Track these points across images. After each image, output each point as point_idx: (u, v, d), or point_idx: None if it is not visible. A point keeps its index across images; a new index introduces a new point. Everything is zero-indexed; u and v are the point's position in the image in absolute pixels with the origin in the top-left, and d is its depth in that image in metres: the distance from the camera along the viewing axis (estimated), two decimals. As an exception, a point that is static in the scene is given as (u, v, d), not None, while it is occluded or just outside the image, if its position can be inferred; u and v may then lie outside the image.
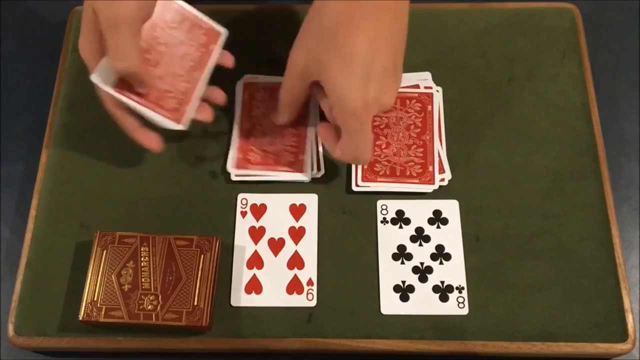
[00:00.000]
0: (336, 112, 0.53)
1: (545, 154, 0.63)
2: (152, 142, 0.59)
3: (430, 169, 0.62)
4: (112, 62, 0.53)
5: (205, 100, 0.60)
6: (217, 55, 0.60)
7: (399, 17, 0.54)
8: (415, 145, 0.63)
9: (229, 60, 0.61)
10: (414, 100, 0.65)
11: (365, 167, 0.62)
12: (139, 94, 0.56)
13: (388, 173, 0.62)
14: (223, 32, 0.60)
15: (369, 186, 0.62)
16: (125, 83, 0.55)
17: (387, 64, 0.53)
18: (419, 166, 0.62)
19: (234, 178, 0.62)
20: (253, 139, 0.64)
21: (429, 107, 0.64)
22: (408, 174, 0.62)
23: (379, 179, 0.62)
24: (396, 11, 0.53)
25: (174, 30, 0.58)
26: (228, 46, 0.61)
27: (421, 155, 0.63)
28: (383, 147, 0.63)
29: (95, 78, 0.54)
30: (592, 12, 0.72)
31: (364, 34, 0.51)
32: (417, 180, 0.62)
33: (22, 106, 0.70)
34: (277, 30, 0.57)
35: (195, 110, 0.59)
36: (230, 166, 0.62)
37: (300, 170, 0.62)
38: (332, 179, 0.63)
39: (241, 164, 0.63)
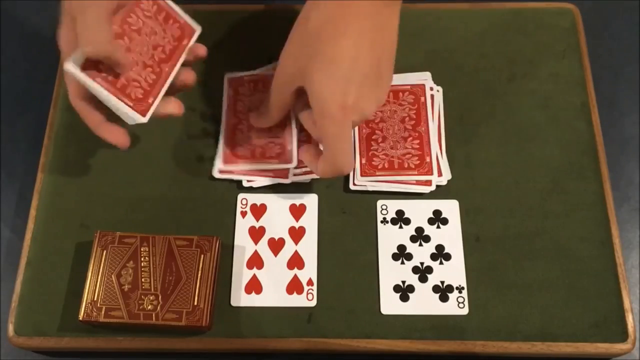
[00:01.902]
0: (316, 116, 0.53)
1: (545, 154, 0.63)
2: (118, 137, 0.56)
3: (428, 159, 0.62)
4: (80, 46, 0.51)
5: (171, 92, 0.57)
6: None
7: (386, 24, 0.53)
8: (411, 137, 0.63)
9: (202, 50, 0.58)
10: (407, 93, 0.65)
11: (364, 161, 0.62)
12: (106, 81, 0.54)
13: (386, 166, 0.62)
14: (198, 29, 0.59)
15: (368, 181, 0.62)
16: (93, 72, 0.53)
17: (369, 70, 0.52)
18: (417, 157, 0.62)
19: (217, 175, 0.62)
20: (240, 134, 0.64)
21: (422, 99, 0.64)
22: (406, 166, 0.62)
23: (377, 173, 0.62)
24: (383, 17, 0.53)
25: (149, 19, 0.56)
26: (230, 46, 0.60)
27: (418, 146, 0.63)
28: (379, 141, 0.63)
29: (68, 65, 0.52)
30: (592, 12, 0.72)
31: (348, 39, 0.51)
32: (415, 172, 0.62)
33: (22, 106, 0.70)
34: (276, 30, 0.57)
35: (158, 105, 0.56)
36: (218, 162, 0.62)
37: (288, 162, 0.62)
38: (332, 179, 0.63)
39: (229, 158, 0.63)
